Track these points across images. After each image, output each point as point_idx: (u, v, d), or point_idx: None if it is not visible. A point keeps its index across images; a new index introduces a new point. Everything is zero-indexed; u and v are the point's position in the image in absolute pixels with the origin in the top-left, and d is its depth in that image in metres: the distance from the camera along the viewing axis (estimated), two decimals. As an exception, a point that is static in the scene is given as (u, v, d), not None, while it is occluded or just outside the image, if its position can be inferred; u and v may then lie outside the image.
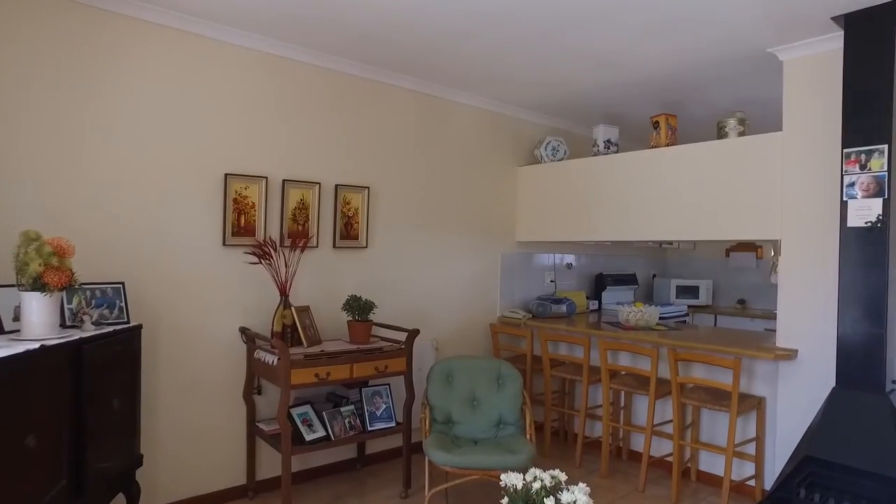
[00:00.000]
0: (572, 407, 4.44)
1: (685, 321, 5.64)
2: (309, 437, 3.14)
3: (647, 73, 3.86)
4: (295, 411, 3.20)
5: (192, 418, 3.18)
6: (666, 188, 3.88)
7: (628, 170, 4.13)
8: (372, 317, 3.52)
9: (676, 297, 6.05)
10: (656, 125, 4.05)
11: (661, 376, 3.65)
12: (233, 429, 3.32)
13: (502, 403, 3.47)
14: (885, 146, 2.73)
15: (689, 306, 5.89)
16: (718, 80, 3.96)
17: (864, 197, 2.77)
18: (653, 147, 4.05)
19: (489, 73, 3.95)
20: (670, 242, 6.06)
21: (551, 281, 5.19)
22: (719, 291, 6.28)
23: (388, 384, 3.60)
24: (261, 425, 3.30)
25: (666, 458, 3.74)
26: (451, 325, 4.47)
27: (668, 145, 3.97)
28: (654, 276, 6.51)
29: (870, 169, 2.76)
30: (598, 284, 5.59)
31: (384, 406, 3.51)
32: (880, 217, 2.72)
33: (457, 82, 4.17)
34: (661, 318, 5.26)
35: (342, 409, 3.32)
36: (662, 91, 4.23)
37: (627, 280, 5.84)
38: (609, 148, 4.43)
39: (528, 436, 3.31)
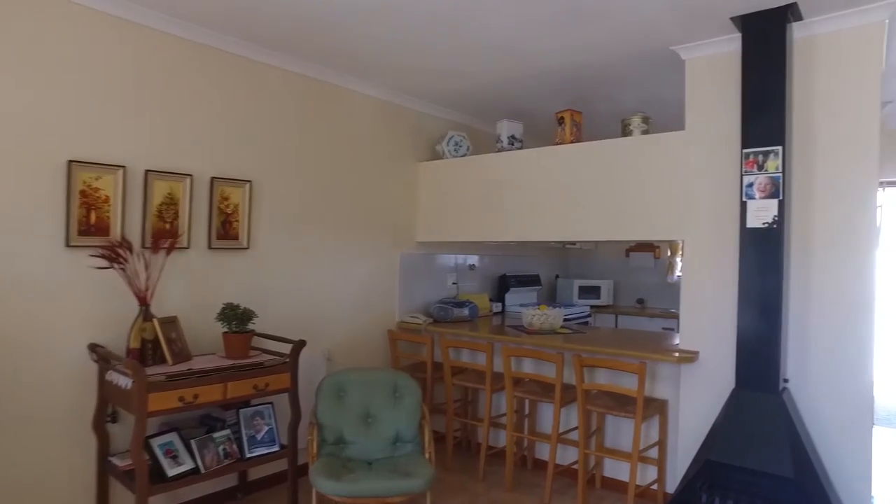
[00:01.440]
0: (476, 416, 4.24)
1: (588, 322, 5.63)
2: (172, 471, 2.68)
3: (552, 67, 3.72)
4: (156, 441, 2.74)
5: (20, 462, 2.62)
6: (570, 187, 3.76)
7: (532, 167, 3.98)
8: (252, 327, 3.11)
9: (579, 298, 6.04)
10: (561, 121, 3.93)
11: (566, 382, 3.52)
12: (79, 468, 2.79)
13: (400, 418, 3.18)
14: (780, 147, 2.72)
15: (591, 306, 5.90)
16: (625, 78, 3.90)
17: (761, 198, 2.75)
18: (557, 144, 3.92)
19: (386, 59, 3.65)
20: (573, 243, 6.04)
21: (454, 283, 4.97)
22: (620, 291, 6.36)
23: (272, 403, 3.20)
24: (114, 460, 2.79)
25: (572, 467, 3.62)
26: (346, 333, 4.12)
27: (572, 142, 3.85)
28: (558, 276, 6.49)
29: (766, 170, 2.74)
30: (502, 286, 5.44)
31: (266, 428, 3.11)
32: (776, 218, 2.70)
33: (352, 68, 3.83)
34: (565, 320, 5.21)
35: (215, 436, 2.89)
36: (568, 87, 4.12)
37: (531, 281, 5.75)
38: (513, 144, 4.26)
39: (426, 455, 3.05)
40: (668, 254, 5.96)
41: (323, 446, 3.05)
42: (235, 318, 3.04)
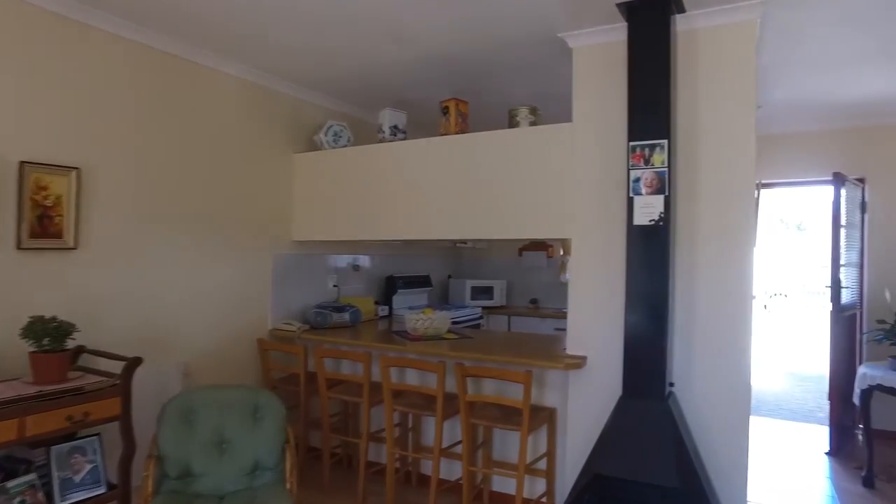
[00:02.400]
0: (357, 432, 3.87)
1: (480, 324, 5.43)
2: (-55, 534, 2.10)
3: (438, 51, 3.43)
4: (-74, 495, 2.14)
5: None
6: (455, 182, 3.50)
7: (415, 160, 3.67)
8: (73, 343, 2.55)
9: (472, 299, 5.84)
10: (445, 111, 3.65)
11: (451, 391, 3.25)
12: None
13: (260, 443, 2.75)
14: (665, 141, 2.59)
15: (483, 308, 5.71)
16: (515, 68, 3.69)
17: (648, 193, 2.61)
18: (442, 135, 3.64)
19: (247, 30, 3.19)
20: (464, 242, 5.83)
21: (335, 286, 4.57)
22: (513, 291, 6.23)
23: (99, 435, 2.66)
24: None
25: (459, 482, 3.34)
26: (208, 344, 3.61)
27: (458, 133, 3.59)
28: (450, 276, 6.26)
29: (653, 164, 2.60)
30: (389, 288, 5.11)
31: (89, 466, 2.57)
32: (662, 215, 2.57)
33: (206, 40, 3.33)
34: (454, 323, 4.96)
35: (10, 485, 2.30)
36: (457, 76, 3.86)
37: (421, 282, 5.46)
38: (396, 135, 3.94)
39: (288, 485, 2.64)
40: (561, 252, 5.90)
41: (164, 482, 2.56)
42: (47, 333, 2.48)
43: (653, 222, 2.58)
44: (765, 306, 18.20)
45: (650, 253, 2.60)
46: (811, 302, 17.17)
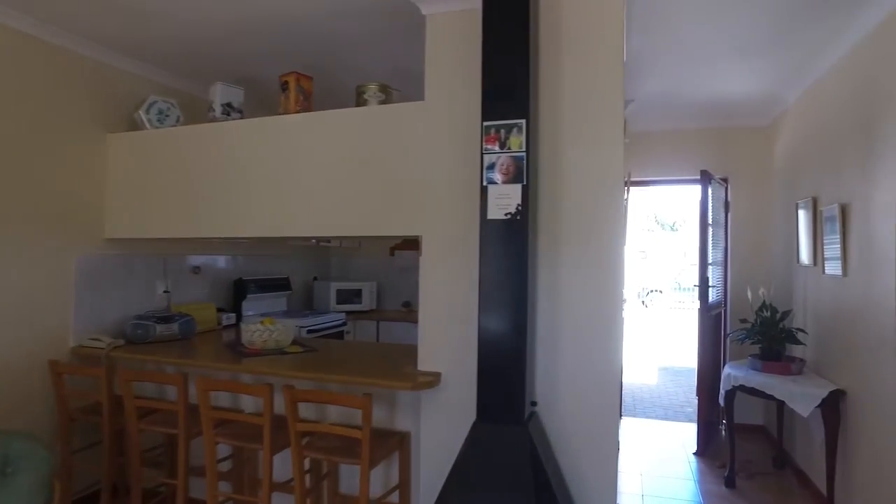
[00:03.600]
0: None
1: (345, 331, 4.91)
2: None
3: (273, 12, 2.88)
4: None
5: None
6: (294, 170, 2.97)
7: (249, 144, 3.10)
8: None
9: (337, 303, 5.30)
10: (285, 86, 3.11)
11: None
12: None
13: (12, 506, 2.08)
14: (523, 121, 2.23)
15: (350, 313, 5.20)
16: (368, 41, 3.21)
17: (504, 181, 2.24)
18: (281, 114, 3.10)
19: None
20: (328, 240, 5.28)
21: (165, 291, 3.86)
22: (385, 294, 5.76)
23: None
24: None
25: (296, 523, 2.81)
26: (-27, 370, 2.82)
27: (299, 112, 3.06)
28: (316, 279, 5.68)
29: (509, 148, 2.23)
30: (238, 292, 4.46)
31: None
32: (519, 207, 2.21)
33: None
34: (313, 332, 4.42)
35: None
36: (304, 49, 3.33)
37: (277, 285, 4.85)
38: (230, 114, 3.33)
39: (41, 563, 2.00)
40: (435, 252, 5.51)
41: None
42: None
43: (509, 216, 2.21)
44: (643, 302, 19.21)
45: (507, 252, 2.23)
46: (683, 298, 18.31)
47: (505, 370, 2.23)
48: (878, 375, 2.76)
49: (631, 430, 5.00)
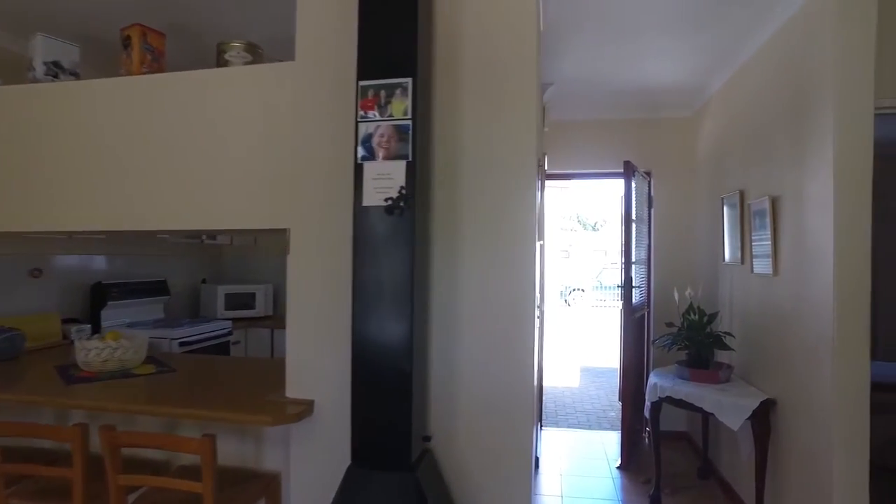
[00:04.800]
0: (-11, 524, 2.52)
1: (230, 343, 4.27)
2: None
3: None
4: None
5: None
6: (138, 146, 2.35)
7: (80, 113, 2.45)
8: None
9: (227, 309, 4.64)
10: (127, 42, 2.48)
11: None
12: None
13: None
14: (409, 81, 1.75)
15: (241, 320, 4.56)
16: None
17: (384, 157, 1.74)
18: (123, 76, 2.47)
19: None
20: (213, 237, 4.62)
21: (-13, 300, 3.11)
22: (283, 298, 5.13)
23: None
24: None
25: None
26: None
27: (146, 73, 2.44)
28: (204, 281, 4.98)
29: (391, 114, 1.74)
30: (96, 299, 3.73)
31: None
32: (403, 191, 1.72)
33: None
34: (193, 343, 3.77)
35: None
36: (157, 3, 2.70)
37: (151, 290, 4.14)
38: (58, 76, 2.65)
39: None
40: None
41: None
42: None
43: (390, 201, 1.72)
44: (566, 301, 19.35)
45: (388, 248, 1.73)
46: (605, 296, 18.56)
47: (386, 399, 1.74)
48: (812, 383, 2.49)
49: (552, 444, 4.65)
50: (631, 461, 4.04)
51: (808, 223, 2.53)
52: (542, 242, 3.43)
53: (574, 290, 19.32)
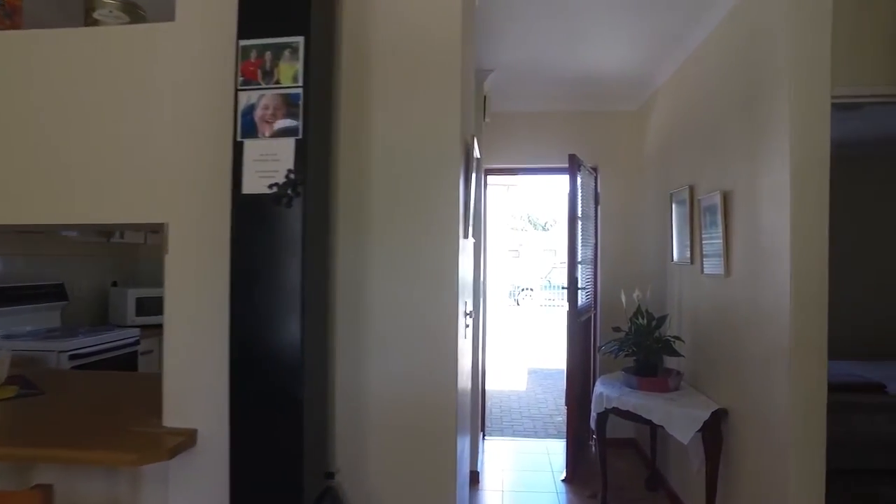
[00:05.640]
0: None
1: (139, 352, 3.82)
2: None
3: None
4: None
5: None
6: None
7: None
8: None
9: (137, 315, 4.17)
10: (-26, -2, 2.05)
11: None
12: None
13: None
14: (301, 40, 1.42)
15: (151, 327, 4.10)
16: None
17: (270, 135, 1.41)
18: (-31, 40, 2.04)
19: None
20: (122, 235, 4.15)
21: None
22: (206, 302, 4.69)
23: None
24: None
25: None
26: None
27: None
28: (115, 284, 4.49)
29: (277, 81, 1.41)
30: (-30, 306, 3.23)
31: None
32: (292, 176, 1.39)
33: None
34: (76, 357, 3.30)
35: None
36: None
37: (43, 295, 3.65)
38: None
39: None
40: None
41: None
42: None
43: (275, 188, 1.39)
44: (515, 301, 19.32)
45: (273, 246, 1.40)
46: (553, 295, 18.60)
47: (273, 431, 1.41)
48: (766, 391, 2.29)
49: (495, 455, 4.38)
50: (576, 473, 3.81)
51: (762, 219, 2.33)
52: (475, 241, 3.15)
53: (523, 289, 19.30)
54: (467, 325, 2.09)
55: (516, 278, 19.63)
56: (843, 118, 3.66)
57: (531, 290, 19.01)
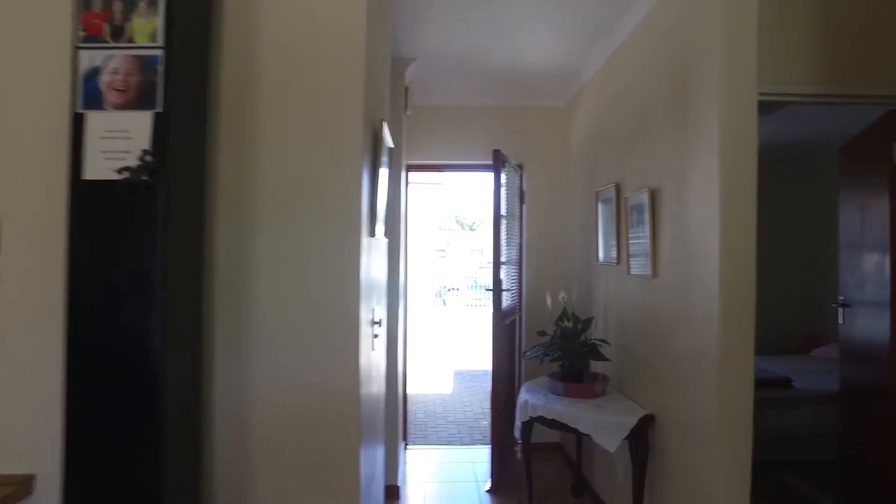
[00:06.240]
0: None
1: None
2: None
3: None
4: None
5: None
6: None
7: None
8: None
9: None
10: None
11: None
12: None
13: None
14: (159, -14, 1.14)
15: None
16: None
17: (117, 106, 1.12)
18: None
19: None
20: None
21: None
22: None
23: None
24: None
25: None
26: None
27: None
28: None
29: (131, 39, 1.13)
30: None
31: None
32: (148, 159, 1.11)
33: None
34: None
35: None
36: None
37: None
38: None
39: None
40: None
41: None
42: None
43: (126, 174, 1.11)
44: (443, 301, 19.23)
45: (125, 247, 1.12)
46: (480, 295, 18.65)
47: (122, 463, 1.12)
48: (693, 393, 2.20)
49: (418, 465, 4.17)
50: (502, 482, 3.66)
51: (690, 218, 2.24)
52: (391, 240, 2.92)
53: (450, 289, 19.28)
54: (376, 335, 1.86)
55: (444, 278, 19.57)
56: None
57: (458, 289, 18.99)
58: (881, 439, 2.72)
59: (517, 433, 3.07)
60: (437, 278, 19.51)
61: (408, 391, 4.39)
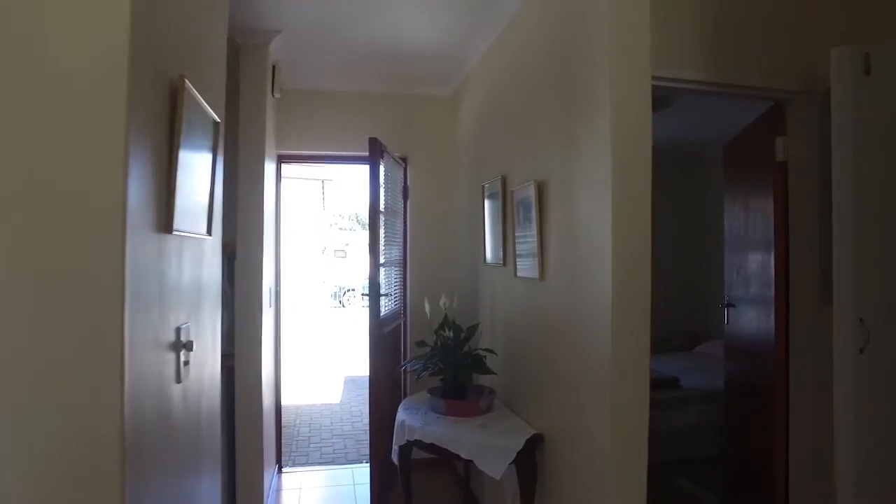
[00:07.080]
0: None
1: None
2: None
3: None
4: None
5: None
6: None
7: None
8: None
9: None
10: None
11: None
12: None
13: None
14: None
15: None
16: None
17: None
18: None
19: None
20: None
21: None
22: None
23: None
24: None
25: None
26: None
27: None
28: None
29: None
30: None
31: None
32: None
33: None
34: None
35: None
36: None
37: None
38: None
39: None
40: None
41: None
42: None
43: None
44: (341, 302, 18.56)
45: None
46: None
47: None
48: (585, 411, 1.95)
49: (294, 492, 3.70)
50: (384, 507, 3.29)
51: (580, 214, 1.98)
52: (225, 238, 2.43)
53: (347, 290, 18.71)
54: (186, 361, 1.42)
55: (343, 279, 18.94)
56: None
57: (354, 290, 18.43)
58: (764, 434, 2.64)
59: (395, 458, 2.70)
60: (335, 279, 18.85)
61: (287, 405, 3.91)
